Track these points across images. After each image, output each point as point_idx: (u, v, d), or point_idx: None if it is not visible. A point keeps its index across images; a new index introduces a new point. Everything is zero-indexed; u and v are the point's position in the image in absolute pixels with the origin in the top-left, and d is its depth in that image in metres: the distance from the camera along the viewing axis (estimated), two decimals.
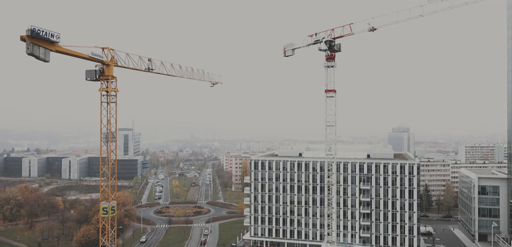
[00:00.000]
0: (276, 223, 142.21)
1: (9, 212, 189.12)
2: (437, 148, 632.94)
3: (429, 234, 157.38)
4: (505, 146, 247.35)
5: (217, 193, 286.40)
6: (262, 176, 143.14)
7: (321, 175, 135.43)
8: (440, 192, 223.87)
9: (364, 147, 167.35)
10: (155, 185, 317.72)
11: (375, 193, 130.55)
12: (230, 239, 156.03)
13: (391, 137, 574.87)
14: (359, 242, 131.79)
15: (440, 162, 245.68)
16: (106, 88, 69.45)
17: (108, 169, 66.44)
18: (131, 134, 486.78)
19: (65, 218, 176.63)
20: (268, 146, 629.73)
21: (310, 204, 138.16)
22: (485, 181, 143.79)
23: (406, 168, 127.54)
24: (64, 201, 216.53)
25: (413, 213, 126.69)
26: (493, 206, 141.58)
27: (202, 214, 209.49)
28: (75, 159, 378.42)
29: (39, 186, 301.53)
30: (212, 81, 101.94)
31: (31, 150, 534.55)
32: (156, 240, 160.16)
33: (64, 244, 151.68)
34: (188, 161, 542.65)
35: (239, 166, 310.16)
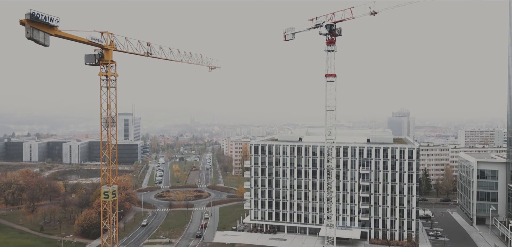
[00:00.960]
0: (276, 207, 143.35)
1: (11, 196, 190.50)
2: (437, 133, 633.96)
3: (428, 218, 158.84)
4: (505, 131, 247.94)
5: (217, 177, 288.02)
6: (262, 161, 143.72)
7: (321, 159, 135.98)
8: (439, 176, 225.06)
9: (364, 132, 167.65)
10: (155, 170, 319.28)
11: (375, 177, 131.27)
12: (230, 222, 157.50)
13: (391, 122, 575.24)
14: (358, 226, 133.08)
15: (439, 146, 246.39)
16: (105, 72, 69.25)
17: (109, 154, 66.71)
18: (131, 119, 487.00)
19: (67, 202, 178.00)
20: (268, 131, 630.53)
21: (310, 188, 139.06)
22: (484, 165, 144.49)
23: (405, 153, 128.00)
24: (65, 185, 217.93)
25: (412, 197, 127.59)
26: (491, 190, 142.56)
27: (203, 198, 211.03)
28: (75, 144, 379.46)
29: (40, 170, 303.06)
30: (210, 66, 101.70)
31: (32, 135, 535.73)
32: (157, 223, 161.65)
33: (66, 227, 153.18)
34: (188, 146, 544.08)
35: (239, 150, 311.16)
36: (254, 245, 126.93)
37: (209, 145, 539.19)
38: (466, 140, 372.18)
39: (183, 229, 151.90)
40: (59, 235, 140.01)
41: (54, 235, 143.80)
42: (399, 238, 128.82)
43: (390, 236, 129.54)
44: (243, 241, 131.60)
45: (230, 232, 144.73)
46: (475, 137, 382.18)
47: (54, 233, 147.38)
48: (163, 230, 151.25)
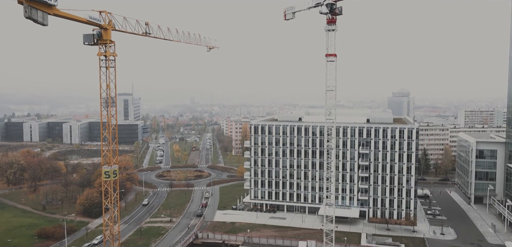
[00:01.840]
0: (276, 187, 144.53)
1: (13, 176, 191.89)
2: (436, 113, 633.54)
3: (426, 197, 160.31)
4: (505, 111, 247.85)
5: (218, 157, 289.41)
6: (262, 141, 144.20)
7: (321, 139, 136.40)
8: (438, 156, 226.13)
9: (364, 112, 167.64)
10: (156, 150, 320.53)
11: (374, 157, 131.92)
12: (230, 201, 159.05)
13: (391, 102, 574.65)
14: (357, 205, 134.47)
15: (439, 126, 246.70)
16: (104, 52, 68.87)
17: (109, 134, 66.91)
18: (131, 99, 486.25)
19: (68, 181, 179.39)
20: (268, 111, 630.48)
21: (310, 168, 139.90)
22: (483, 145, 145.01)
23: (405, 133, 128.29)
24: (66, 165, 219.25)
25: (411, 177, 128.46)
26: (490, 170, 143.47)
27: (203, 177, 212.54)
28: (75, 124, 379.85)
29: (41, 150, 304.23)
30: (209, 46, 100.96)
31: (32, 115, 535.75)
32: (158, 203, 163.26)
33: (68, 206, 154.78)
34: (188, 126, 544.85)
35: (239, 130, 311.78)
36: (254, 224, 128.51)
37: (209, 125, 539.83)
38: (466, 120, 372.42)
39: (184, 208, 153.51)
40: (62, 214, 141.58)
41: (56, 214, 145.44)
42: (397, 217, 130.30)
43: (389, 215, 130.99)
44: (243, 220, 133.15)
45: (230, 211, 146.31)
46: (475, 117, 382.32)
47: (56, 212, 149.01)
48: (164, 209, 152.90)
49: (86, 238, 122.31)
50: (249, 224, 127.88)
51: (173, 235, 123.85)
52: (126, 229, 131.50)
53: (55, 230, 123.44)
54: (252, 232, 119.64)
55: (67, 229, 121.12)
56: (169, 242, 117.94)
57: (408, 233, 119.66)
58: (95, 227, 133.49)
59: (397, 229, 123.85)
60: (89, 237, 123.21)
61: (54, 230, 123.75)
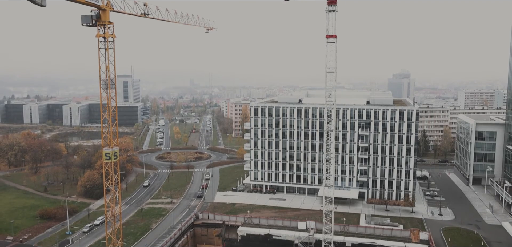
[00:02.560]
0: (276, 168, 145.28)
1: (14, 157, 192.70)
2: (437, 94, 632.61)
3: (425, 178, 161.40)
4: (505, 92, 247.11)
5: (218, 139, 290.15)
6: (262, 122, 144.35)
7: (321, 121, 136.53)
8: (437, 137, 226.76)
9: (364, 94, 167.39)
10: (156, 132, 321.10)
11: (374, 138, 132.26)
12: (230, 183, 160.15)
13: (391, 83, 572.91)
14: (357, 186, 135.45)
15: (439, 108, 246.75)
16: (103, 33, 68.30)
17: (109, 116, 66.95)
18: (131, 81, 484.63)
19: (69, 163, 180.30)
20: (268, 93, 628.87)
21: (309, 150, 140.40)
22: (482, 126, 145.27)
23: (405, 114, 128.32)
24: (67, 147, 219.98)
25: (410, 158, 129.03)
26: (489, 151, 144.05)
27: (203, 159, 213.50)
28: (75, 106, 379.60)
29: (41, 132, 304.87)
30: (207, 27, 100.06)
31: (31, 97, 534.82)
32: (159, 184, 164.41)
33: (69, 188, 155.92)
34: (188, 108, 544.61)
35: (239, 112, 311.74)
36: (254, 205, 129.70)
37: (209, 107, 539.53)
38: (466, 102, 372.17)
39: (184, 190, 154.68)
40: (63, 195, 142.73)
41: (58, 196, 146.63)
42: (396, 198, 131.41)
43: (388, 196, 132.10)
44: (243, 201, 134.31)
45: (230, 192, 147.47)
46: (475, 99, 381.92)
47: (58, 193, 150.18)
48: (164, 190, 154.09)
49: (87, 219, 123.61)
50: (249, 205, 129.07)
51: (173, 216, 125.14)
52: (127, 210, 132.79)
53: (57, 211, 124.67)
54: (252, 213, 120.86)
55: (69, 210, 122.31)
56: (170, 222, 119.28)
57: (406, 213, 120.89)
58: (96, 208, 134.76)
59: (396, 210, 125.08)
60: (91, 218, 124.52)
61: (56, 211, 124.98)
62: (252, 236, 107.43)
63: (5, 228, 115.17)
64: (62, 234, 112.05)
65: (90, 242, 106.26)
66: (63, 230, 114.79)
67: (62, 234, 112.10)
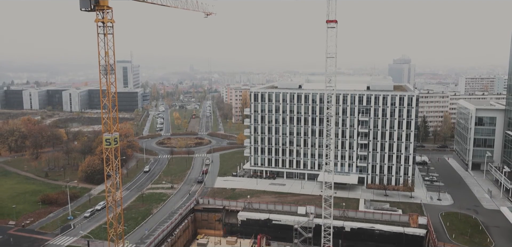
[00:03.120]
0: (276, 154, 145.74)
1: (14, 143, 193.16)
2: (437, 80, 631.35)
3: (424, 163, 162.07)
4: (506, 78, 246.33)
5: (218, 124, 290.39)
6: (262, 108, 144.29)
7: (321, 106, 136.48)
8: (437, 123, 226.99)
9: (364, 79, 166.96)
10: (156, 117, 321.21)
11: (374, 124, 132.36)
12: (231, 168, 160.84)
13: (392, 69, 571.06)
14: (356, 171, 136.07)
15: (439, 93, 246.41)
16: (102, 18, 67.80)
17: (109, 101, 66.90)
18: (130, 66, 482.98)
19: (69, 149, 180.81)
20: (268, 78, 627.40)
21: (309, 135, 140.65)
22: (482, 112, 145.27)
23: (405, 100, 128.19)
24: (67, 133, 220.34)
25: (409, 144, 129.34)
26: (488, 137, 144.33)
27: (203, 145, 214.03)
28: (75, 92, 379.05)
29: (41, 118, 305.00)
30: (206, 12, 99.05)
31: (31, 83, 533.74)
32: (159, 169, 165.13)
33: (70, 173, 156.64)
34: (188, 93, 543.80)
35: (239, 98, 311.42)
36: (254, 190, 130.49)
37: (209, 92, 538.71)
38: (466, 87, 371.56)
39: (185, 175, 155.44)
40: (64, 181, 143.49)
41: (59, 181, 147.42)
42: (395, 183, 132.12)
43: (387, 181, 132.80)
44: (244, 186, 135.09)
45: (230, 177, 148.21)
46: (475, 84, 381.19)
47: (58, 179, 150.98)
48: (165, 176, 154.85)
49: (89, 204, 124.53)
50: (249, 190, 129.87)
51: (174, 201, 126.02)
52: (128, 195, 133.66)
53: (58, 197, 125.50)
54: (252, 198, 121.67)
55: (70, 195, 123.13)
56: (171, 207, 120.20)
57: (405, 198, 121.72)
58: (97, 193, 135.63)
59: (395, 195, 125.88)
60: (92, 203, 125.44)
61: (57, 196, 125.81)
62: (252, 220, 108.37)
63: (7, 213, 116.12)
64: (63, 219, 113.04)
65: (91, 227, 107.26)
66: (64, 215, 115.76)
67: (64, 219, 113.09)
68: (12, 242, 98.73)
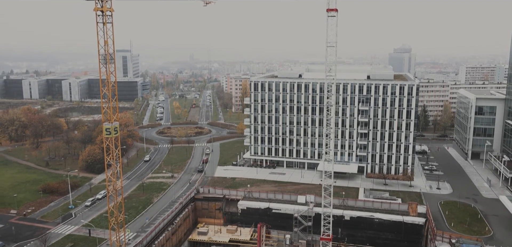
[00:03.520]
0: (276, 143, 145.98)
1: (14, 132, 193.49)
2: (438, 69, 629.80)
3: (424, 153, 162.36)
4: (506, 67, 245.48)
5: (218, 114, 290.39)
6: (262, 97, 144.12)
7: (321, 96, 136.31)
8: (437, 112, 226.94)
9: (364, 68, 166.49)
10: (156, 107, 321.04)
11: (374, 113, 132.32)
12: (231, 158, 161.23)
13: (392, 58, 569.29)
14: (356, 161, 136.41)
15: (439, 83, 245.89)
16: (101, 7, 67.41)
17: (109, 91, 66.81)
18: (130, 56, 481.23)
19: (70, 138, 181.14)
20: (268, 67, 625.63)
21: (309, 125, 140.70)
22: (482, 101, 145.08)
23: (405, 89, 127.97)
24: (67, 122, 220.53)
25: (409, 133, 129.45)
26: (488, 126, 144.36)
27: (203, 134, 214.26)
28: (75, 81, 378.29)
29: (41, 107, 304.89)
30: (205, 0, 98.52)
31: (30, 72, 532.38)
32: (160, 159, 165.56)
33: (71, 163, 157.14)
34: (188, 83, 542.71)
35: (239, 87, 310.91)
36: (254, 179, 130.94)
37: (209, 82, 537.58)
38: (467, 77, 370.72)
39: (185, 164, 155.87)
40: (65, 170, 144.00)
41: (59, 170, 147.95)
42: (395, 172, 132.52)
43: (386, 170, 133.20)
44: (244, 176, 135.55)
45: (230, 167, 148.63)
46: (476, 74, 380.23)
47: (59, 168, 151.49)
48: (165, 165, 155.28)
49: (89, 193, 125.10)
50: (249, 180, 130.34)
51: (174, 190, 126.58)
52: (129, 184, 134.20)
53: (59, 186, 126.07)
54: (252, 187, 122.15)
55: (71, 184, 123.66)
56: (171, 197, 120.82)
57: (405, 187, 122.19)
58: (98, 182, 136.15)
59: (394, 184, 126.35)
60: (93, 192, 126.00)
61: (58, 185, 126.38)
62: (252, 209, 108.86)
63: (8, 202, 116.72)
64: (65, 208, 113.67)
65: (92, 216, 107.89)
66: (65, 204, 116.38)
67: (65, 208, 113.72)
68: (13, 230, 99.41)
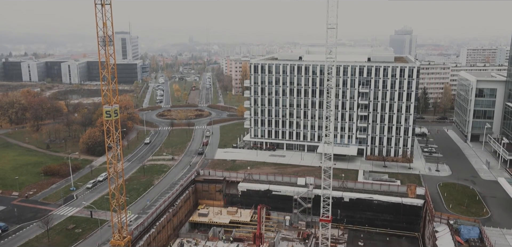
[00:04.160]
0: (276, 125, 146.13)
1: (15, 115, 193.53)
2: (439, 51, 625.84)
3: (423, 135, 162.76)
4: (508, 49, 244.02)
5: (218, 96, 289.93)
6: (262, 80, 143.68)
7: (321, 78, 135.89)
8: (437, 95, 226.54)
9: (365, 50, 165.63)
10: (155, 89, 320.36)
11: (374, 96, 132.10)
12: (231, 140, 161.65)
13: (393, 40, 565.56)
14: (356, 143, 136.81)
15: (440, 65, 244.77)
16: None
17: (108, 73, 66.55)
18: (129, 38, 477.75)
19: (70, 121, 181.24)
20: (268, 50, 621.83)
21: (309, 107, 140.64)
22: (483, 84, 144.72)
23: (405, 71, 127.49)
24: (67, 105, 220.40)
25: (409, 115, 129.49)
26: (488, 108, 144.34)
27: (203, 117, 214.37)
28: (74, 64, 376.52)
29: (41, 90, 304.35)
30: None
31: (29, 54, 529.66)
32: (160, 141, 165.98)
33: (71, 145, 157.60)
34: (188, 65, 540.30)
35: (239, 69, 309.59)
36: (254, 162, 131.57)
37: (209, 64, 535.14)
38: (468, 59, 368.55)
39: (185, 147, 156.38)
40: (66, 153, 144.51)
41: (60, 153, 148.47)
42: (394, 154, 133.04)
43: (386, 153, 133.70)
44: (244, 158, 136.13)
45: (231, 149, 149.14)
46: (477, 56, 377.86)
47: (60, 150, 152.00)
48: (166, 147, 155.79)
49: (90, 175, 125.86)
50: (249, 162, 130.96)
51: (175, 172, 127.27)
52: (130, 166, 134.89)
53: (60, 168, 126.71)
54: (252, 169, 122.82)
55: (72, 167, 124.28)
56: (172, 179, 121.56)
57: (404, 170, 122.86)
58: (99, 164, 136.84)
59: (394, 166, 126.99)
60: (94, 174, 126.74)
61: (59, 167, 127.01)
62: (252, 191, 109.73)
63: (10, 184, 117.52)
64: (66, 190, 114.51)
65: (94, 198, 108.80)
66: (67, 186, 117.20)
67: (67, 190, 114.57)
68: (16, 212, 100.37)
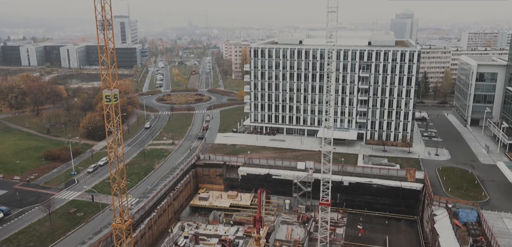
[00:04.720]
0: (276, 110, 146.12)
1: (14, 100, 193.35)
2: (440, 35, 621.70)
3: (423, 119, 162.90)
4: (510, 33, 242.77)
5: (217, 81, 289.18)
6: (262, 64, 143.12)
7: (321, 62, 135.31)
8: (438, 79, 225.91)
9: (366, 34, 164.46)
10: (155, 74, 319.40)
11: (374, 80, 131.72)
12: (231, 125, 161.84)
13: (394, 24, 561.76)
14: (356, 127, 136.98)
15: (441, 49, 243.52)
16: None
17: (107, 58, 66.19)
18: (128, 22, 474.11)
19: (70, 105, 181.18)
20: (268, 34, 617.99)
21: (309, 92, 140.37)
22: (484, 68, 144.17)
23: (406, 56, 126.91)
24: (66, 90, 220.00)
25: (409, 100, 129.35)
26: (489, 93, 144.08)
27: (203, 101, 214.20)
28: (73, 48, 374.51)
29: (40, 75, 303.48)
30: None
31: (28, 39, 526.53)
32: (160, 126, 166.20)
33: (72, 130, 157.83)
34: (187, 49, 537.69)
35: (238, 54, 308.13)
36: (254, 146, 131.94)
37: (208, 48, 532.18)
38: (469, 43, 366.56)
39: (185, 131, 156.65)
40: (66, 137, 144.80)
41: (60, 137, 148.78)
42: (394, 139, 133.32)
43: (386, 137, 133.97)
44: (244, 142, 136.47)
45: (231, 133, 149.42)
46: (478, 40, 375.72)
47: (60, 135, 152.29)
48: (166, 132, 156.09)
49: (91, 160, 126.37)
50: (249, 146, 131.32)
51: (175, 156, 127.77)
52: (130, 151, 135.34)
53: (61, 152, 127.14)
54: (252, 153, 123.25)
55: (72, 151, 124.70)
56: (172, 163, 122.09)
57: (403, 154, 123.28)
58: (99, 149, 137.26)
59: (393, 150, 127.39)
60: (95, 158, 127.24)
61: (60, 152, 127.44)
62: (252, 175, 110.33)
63: (12, 168, 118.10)
64: (67, 174, 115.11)
65: (95, 182, 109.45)
66: (68, 171, 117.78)
67: (68, 174, 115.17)
68: (18, 196, 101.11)
